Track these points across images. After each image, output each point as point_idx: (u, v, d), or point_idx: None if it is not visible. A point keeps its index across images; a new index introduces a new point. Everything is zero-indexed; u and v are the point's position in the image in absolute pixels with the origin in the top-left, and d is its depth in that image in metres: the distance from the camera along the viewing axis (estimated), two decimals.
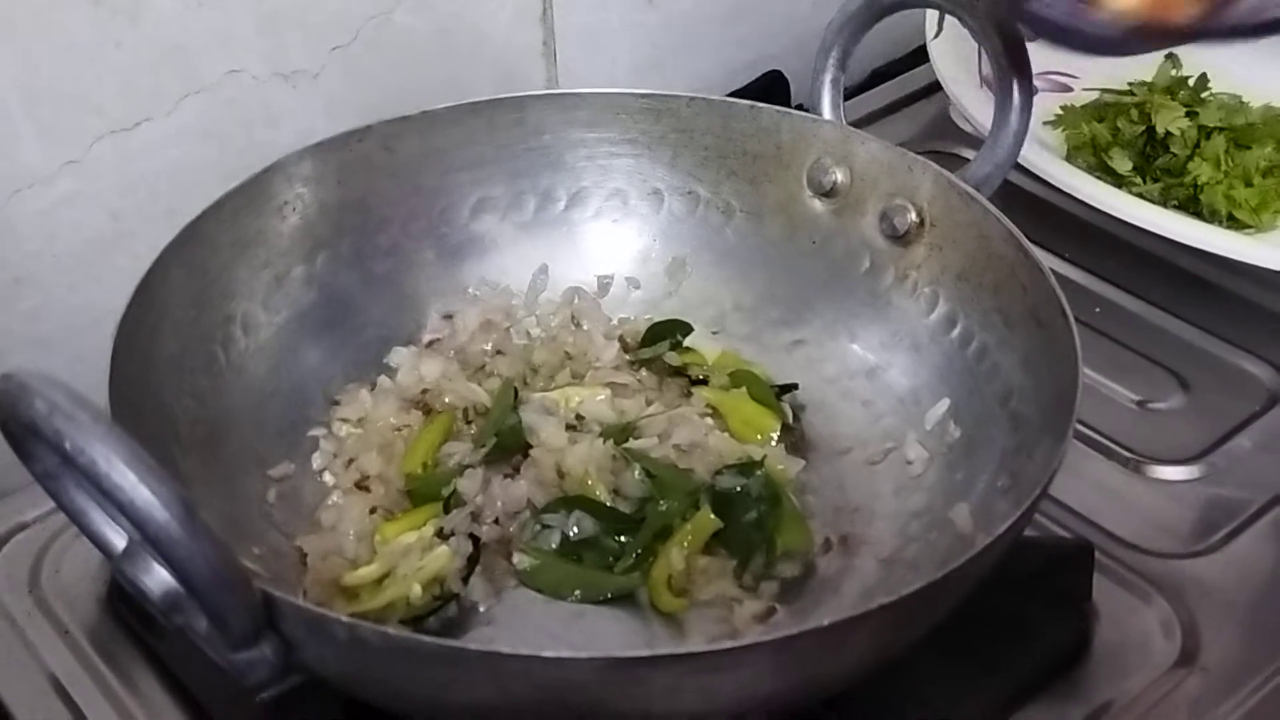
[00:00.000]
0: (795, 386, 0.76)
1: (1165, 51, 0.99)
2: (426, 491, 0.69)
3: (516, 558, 0.67)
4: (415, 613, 0.65)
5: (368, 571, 0.66)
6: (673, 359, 0.76)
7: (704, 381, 0.75)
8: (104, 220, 0.82)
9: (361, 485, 0.71)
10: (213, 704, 0.65)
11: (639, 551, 0.67)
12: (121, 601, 0.70)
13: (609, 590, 0.66)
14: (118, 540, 0.52)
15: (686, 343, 0.78)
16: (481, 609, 0.66)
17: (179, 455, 0.64)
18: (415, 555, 0.67)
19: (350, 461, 0.71)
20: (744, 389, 0.74)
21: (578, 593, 0.66)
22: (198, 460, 0.66)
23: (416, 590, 0.65)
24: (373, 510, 0.69)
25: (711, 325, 0.79)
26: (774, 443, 0.73)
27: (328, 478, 0.71)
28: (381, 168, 0.76)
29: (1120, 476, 0.77)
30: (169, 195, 0.83)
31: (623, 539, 0.67)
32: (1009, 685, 0.65)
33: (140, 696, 0.66)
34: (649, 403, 0.74)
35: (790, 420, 0.74)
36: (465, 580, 0.66)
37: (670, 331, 0.78)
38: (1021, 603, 0.66)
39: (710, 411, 0.74)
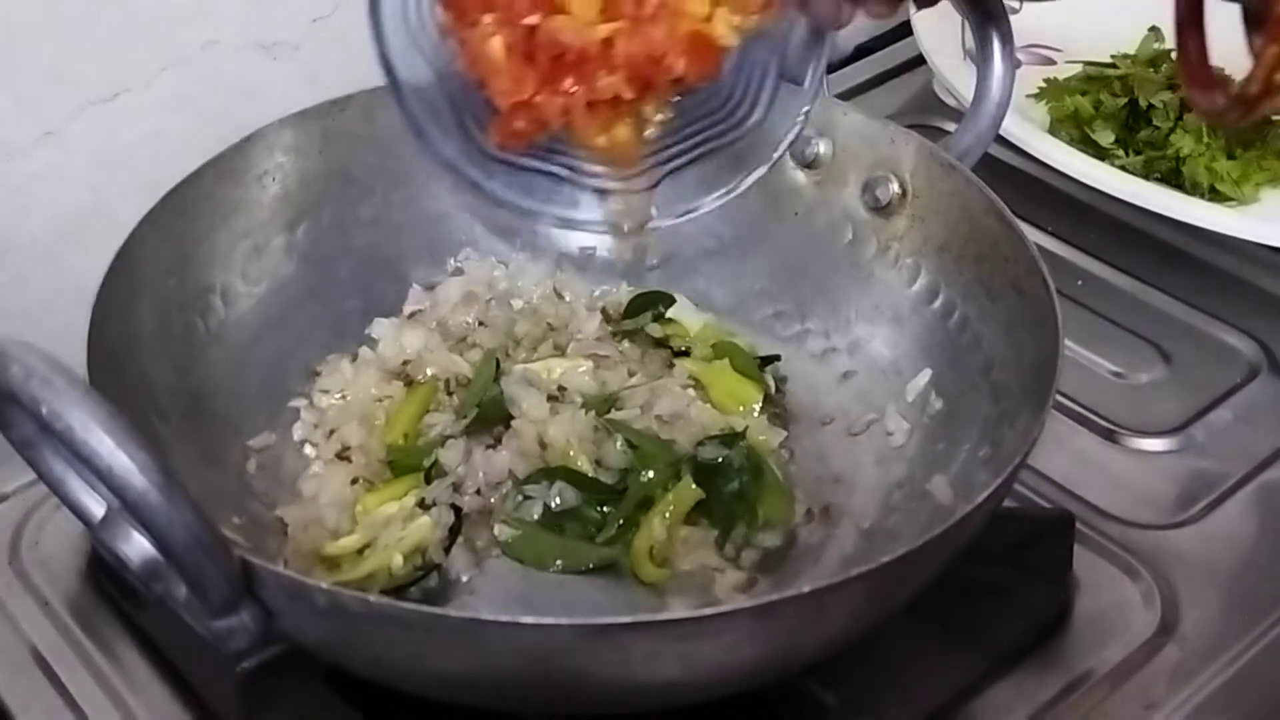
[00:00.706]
0: (778, 358, 0.76)
1: (1149, 25, 0.99)
2: (407, 462, 0.69)
3: (498, 529, 0.67)
4: (396, 583, 0.65)
5: (349, 542, 0.66)
6: (655, 330, 0.76)
7: (686, 353, 0.75)
8: (82, 192, 0.82)
9: (342, 456, 0.70)
10: (194, 674, 0.65)
11: (621, 522, 0.67)
12: (102, 573, 0.70)
13: (591, 561, 0.66)
14: (97, 509, 0.52)
15: (669, 314, 0.78)
16: (463, 579, 0.66)
17: (159, 424, 0.64)
18: (396, 526, 0.67)
19: (331, 432, 0.71)
20: (726, 360, 0.74)
21: (559, 563, 0.66)
22: (178, 430, 0.66)
23: (398, 560, 0.65)
24: (354, 481, 0.69)
25: (695, 297, 0.79)
26: (756, 414, 0.73)
27: (308, 449, 0.71)
28: (363, 137, 0.76)
29: (1101, 448, 0.77)
30: (148, 167, 0.81)
31: (605, 509, 0.67)
32: (990, 654, 0.65)
33: (121, 667, 0.66)
34: (631, 374, 0.74)
35: (772, 391, 0.74)
36: (447, 551, 0.66)
37: (652, 303, 0.78)
38: (1002, 573, 0.67)
39: (692, 383, 0.74)
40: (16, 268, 0.81)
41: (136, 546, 0.50)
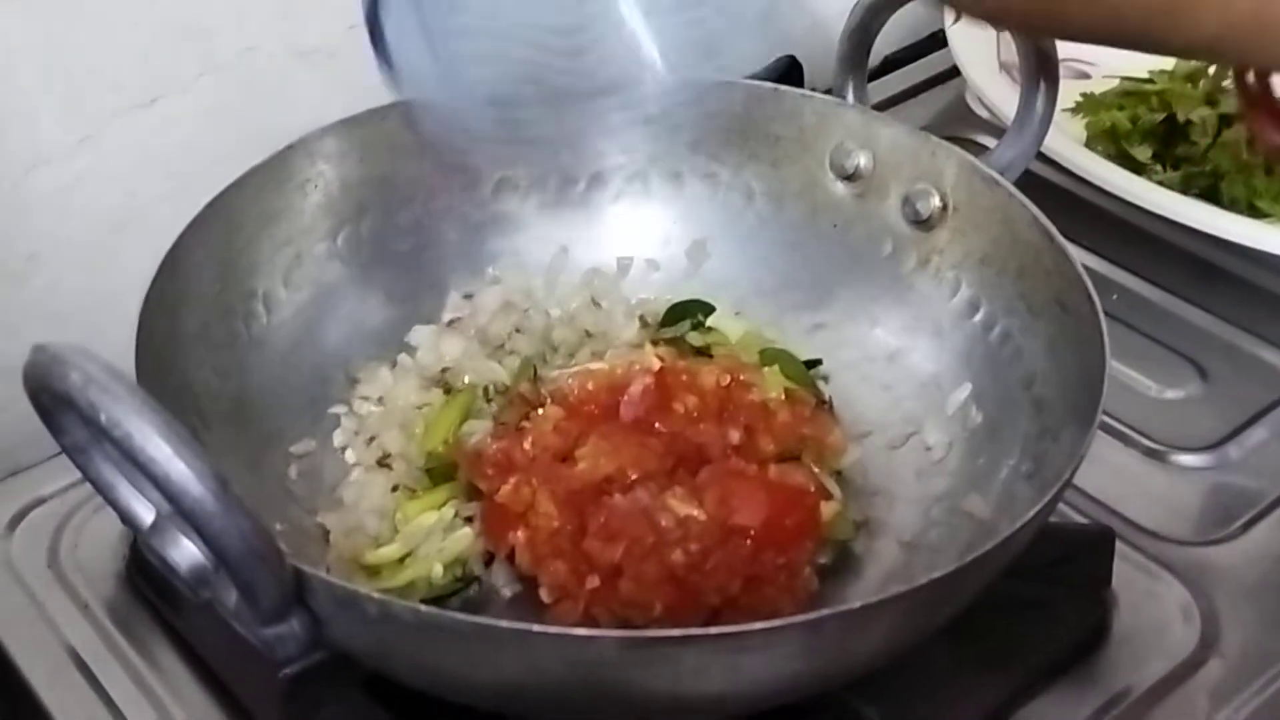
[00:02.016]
0: (819, 362, 0.75)
1: None
2: (447, 470, 0.69)
3: None
4: (436, 593, 0.65)
5: (389, 550, 0.66)
6: (694, 339, 0.76)
7: None
8: (119, 197, 0.82)
9: (383, 463, 0.70)
10: (233, 679, 0.65)
11: None
12: (140, 576, 0.70)
13: None
14: (145, 514, 0.52)
15: (708, 323, 0.78)
16: (505, 594, 0.66)
17: (201, 431, 0.64)
18: (437, 536, 0.67)
19: (371, 439, 0.71)
20: (775, 367, 0.73)
21: None
22: (220, 436, 0.66)
23: (438, 570, 0.65)
24: (394, 488, 0.69)
25: (732, 307, 0.79)
26: None
27: (349, 455, 0.71)
28: (403, 146, 0.76)
29: (1139, 464, 0.77)
30: (184, 173, 0.82)
31: None
32: (1028, 670, 0.65)
33: (160, 670, 0.67)
34: None
35: (825, 398, 0.74)
36: (488, 565, 0.66)
37: (691, 311, 0.77)
38: (1041, 588, 0.66)
39: None
40: (54, 271, 0.81)
41: (185, 552, 0.50)
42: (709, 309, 0.78)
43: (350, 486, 0.70)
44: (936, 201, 0.73)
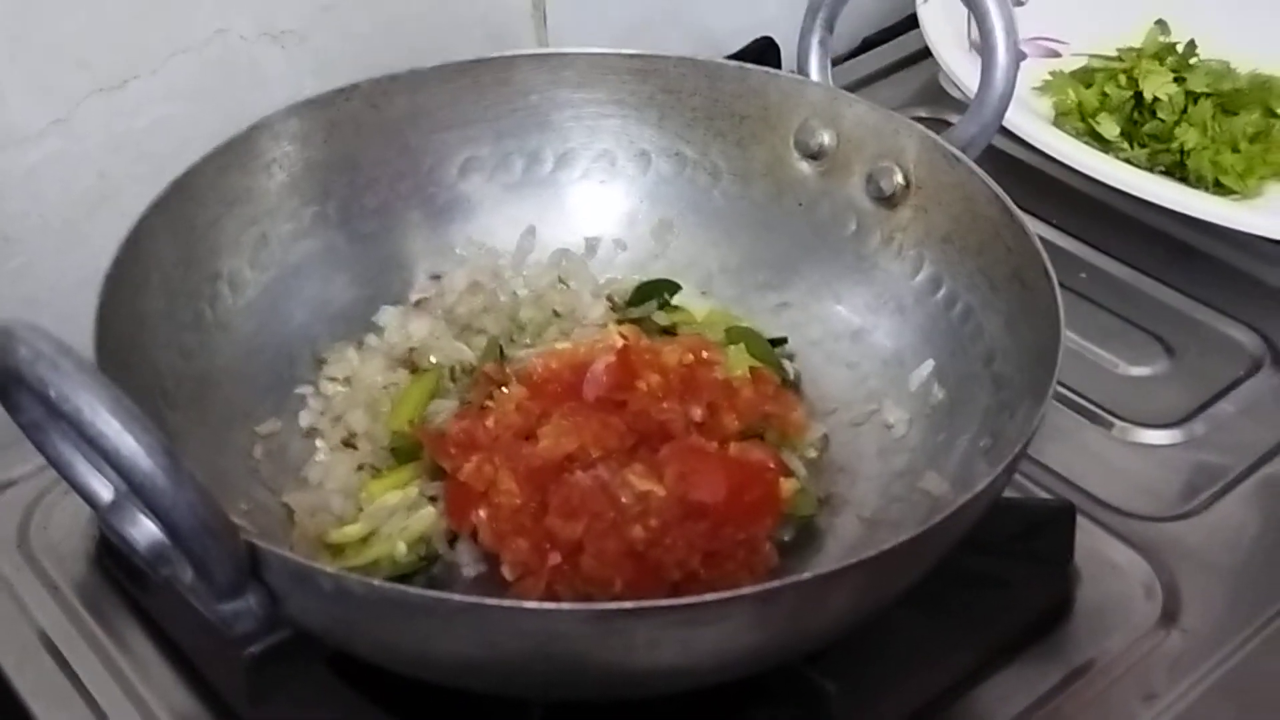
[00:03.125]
0: (785, 340, 0.76)
1: (1155, 19, 0.99)
2: (412, 449, 0.70)
3: None
4: (400, 571, 0.65)
5: (353, 530, 0.67)
6: (661, 318, 0.76)
7: None
8: (91, 179, 0.82)
9: (348, 443, 0.71)
10: (201, 659, 0.66)
11: None
12: (110, 557, 0.70)
13: None
14: (104, 492, 0.52)
15: (674, 301, 0.78)
16: (469, 573, 0.66)
17: (166, 411, 0.64)
18: (401, 515, 0.67)
19: (337, 419, 0.72)
20: (741, 345, 0.73)
21: None
22: (185, 416, 0.66)
23: (401, 549, 0.66)
24: (359, 467, 0.70)
25: (699, 286, 0.79)
26: None
27: (315, 435, 0.72)
28: (369, 126, 0.76)
29: (1104, 440, 0.77)
30: (156, 154, 0.83)
31: None
32: (990, 644, 0.66)
33: (129, 652, 0.67)
34: None
35: (790, 376, 0.74)
36: (451, 544, 0.66)
37: (658, 291, 0.78)
38: (1003, 563, 0.67)
39: None
40: (25, 254, 0.81)
41: (143, 530, 0.51)
42: (675, 288, 0.78)
43: (315, 466, 0.70)
44: (899, 179, 0.74)
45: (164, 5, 0.81)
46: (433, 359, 0.74)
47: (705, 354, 0.71)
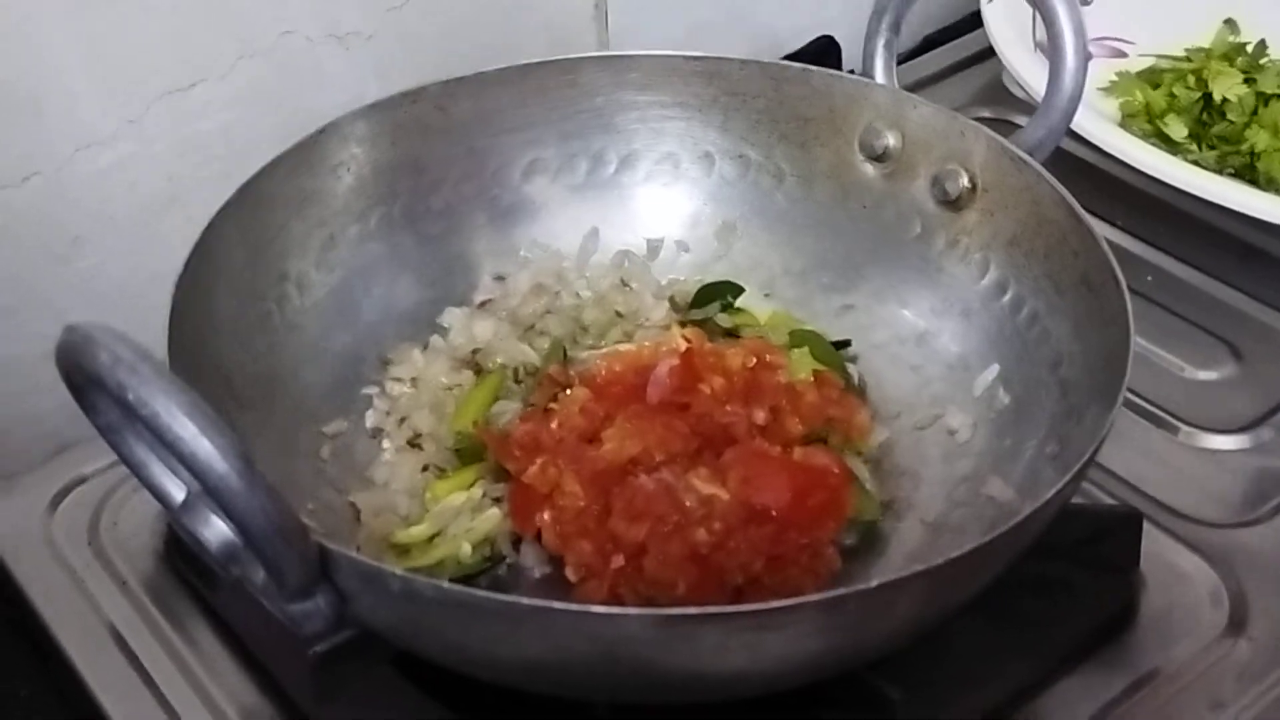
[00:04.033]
0: (848, 343, 0.75)
1: (1224, 18, 0.98)
2: (476, 450, 0.70)
3: None
4: (465, 571, 0.66)
5: (419, 530, 0.67)
6: (724, 320, 0.76)
7: None
8: (160, 181, 0.83)
9: (413, 443, 0.71)
10: (267, 656, 0.66)
11: None
12: (178, 554, 0.71)
13: None
14: (177, 492, 0.53)
15: (737, 304, 0.78)
16: (534, 574, 0.66)
17: (235, 411, 0.65)
18: (466, 516, 0.67)
19: (403, 420, 0.72)
20: (805, 349, 0.73)
21: None
22: (253, 416, 0.67)
23: (466, 550, 0.66)
24: (424, 468, 0.70)
25: (762, 289, 0.79)
26: None
27: (381, 435, 0.72)
28: (435, 129, 0.77)
29: (1170, 445, 0.76)
30: (224, 157, 0.83)
31: None
32: (1055, 651, 0.65)
33: (196, 647, 0.68)
34: None
35: (855, 381, 0.74)
36: (516, 546, 0.67)
37: (721, 293, 0.78)
38: (1069, 569, 0.67)
39: None
40: (96, 255, 0.82)
41: (215, 530, 0.52)
42: (738, 290, 0.78)
43: (381, 466, 0.70)
44: (965, 182, 0.73)
45: (231, 8, 0.82)
46: (497, 360, 0.75)
47: (768, 358, 0.70)
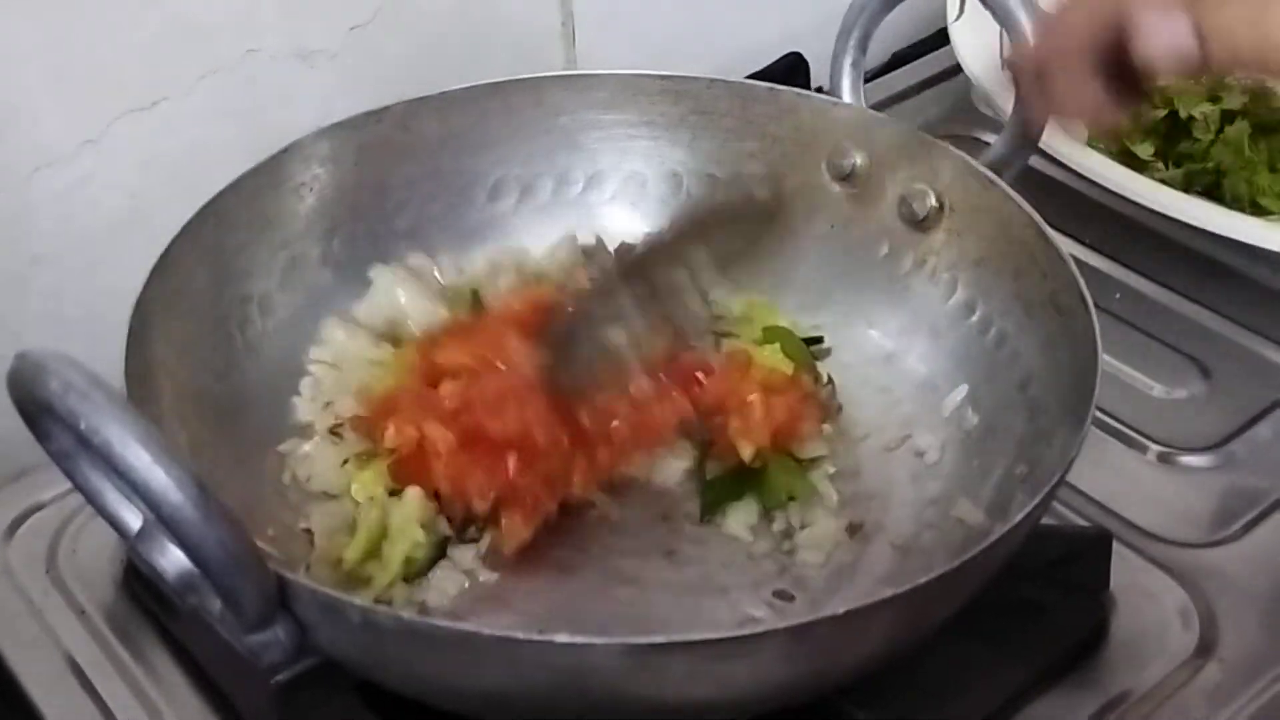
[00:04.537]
0: (821, 340, 0.75)
1: None
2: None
3: None
4: (422, 565, 0.65)
5: (357, 543, 0.65)
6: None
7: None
8: (122, 199, 0.82)
9: (335, 431, 0.70)
10: (228, 685, 0.65)
11: None
12: (138, 582, 0.70)
13: None
14: (133, 520, 0.52)
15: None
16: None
17: (196, 432, 0.64)
18: (393, 507, 0.66)
19: (327, 404, 0.71)
20: (776, 345, 0.73)
21: None
22: (213, 440, 0.66)
23: (409, 547, 0.65)
24: (344, 461, 0.68)
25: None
26: None
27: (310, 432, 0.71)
28: (399, 148, 0.76)
29: (1139, 464, 0.76)
30: (187, 175, 0.82)
31: None
32: (1025, 673, 0.65)
33: (156, 677, 0.67)
34: None
35: (824, 381, 0.73)
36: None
37: None
38: (1038, 590, 0.66)
39: None
40: (56, 274, 0.81)
41: (172, 559, 0.51)
42: None
43: (301, 462, 0.69)
44: (933, 201, 0.73)
45: (195, 26, 0.81)
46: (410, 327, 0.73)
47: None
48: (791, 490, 0.68)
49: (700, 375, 0.68)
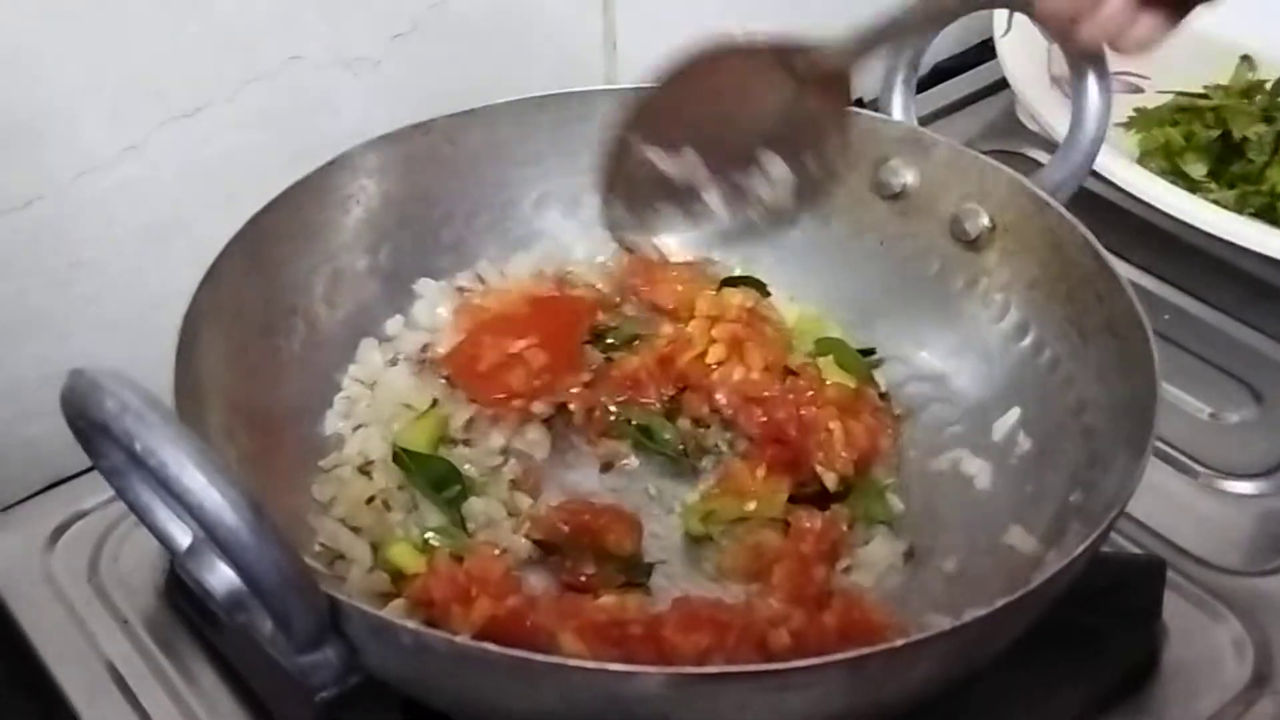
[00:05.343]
0: (874, 351, 0.75)
1: (1241, 54, 0.97)
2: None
3: None
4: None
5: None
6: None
7: None
8: (164, 206, 0.82)
9: (364, 470, 0.69)
10: (271, 699, 0.65)
11: None
12: (180, 592, 0.70)
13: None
14: (182, 537, 0.52)
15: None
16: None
17: (243, 449, 0.64)
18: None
19: (357, 428, 0.71)
20: (830, 357, 0.72)
21: None
22: (261, 450, 0.66)
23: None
24: (369, 499, 0.68)
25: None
26: None
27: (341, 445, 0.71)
28: (445, 161, 0.75)
29: (1191, 490, 0.75)
30: (228, 182, 0.82)
31: None
32: (1077, 703, 0.64)
33: (197, 688, 0.67)
34: None
35: (882, 389, 0.73)
36: None
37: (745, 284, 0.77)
38: (1091, 618, 0.65)
39: None
40: (99, 279, 0.81)
41: (221, 577, 0.50)
42: (763, 289, 0.77)
43: (329, 482, 0.68)
44: (985, 221, 0.72)
45: (238, 33, 0.81)
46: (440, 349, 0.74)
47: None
48: (874, 514, 0.68)
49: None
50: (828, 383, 0.71)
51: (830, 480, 0.67)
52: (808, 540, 0.64)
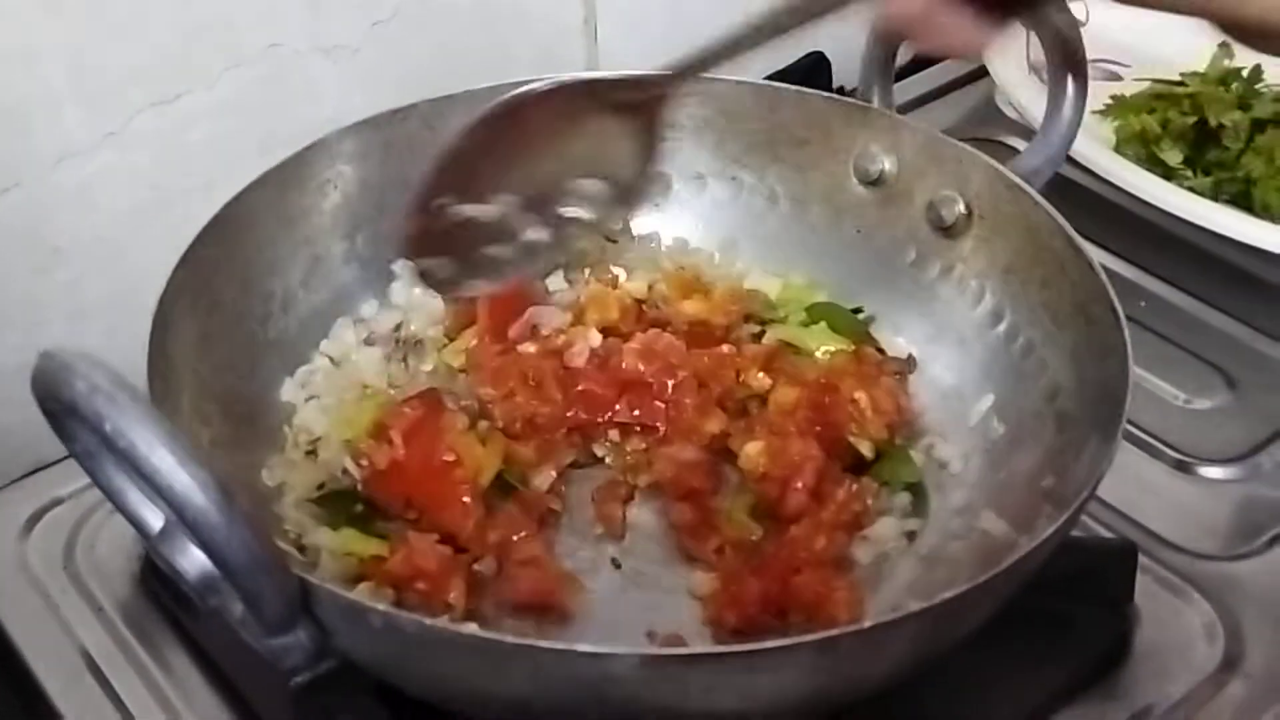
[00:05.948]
0: (861, 310, 0.75)
1: (1219, 41, 0.97)
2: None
3: None
4: None
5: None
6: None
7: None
8: (143, 192, 0.82)
9: (310, 451, 0.69)
10: (245, 684, 0.65)
11: None
12: (156, 579, 0.70)
13: None
14: (154, 520, 0.52)
15: (746, 285, 0.77)
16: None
17: (217, 433, 0.64)
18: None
19: (310, 398, 0.71)
20: (823, 324, 0.73)
21: None
22: (235, 435, 0.66)
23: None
24: (320, 485, 0.68)
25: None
26: None
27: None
28: (424, 146, 0.75)
29: (1164, 475, 0.76)
30: (208, 168, 0.82)
31: None
32: (1049, 686, 0.64)
33: (173, 675, 0.66)
34: None
35: (880, 345, 0.73)
36: None
37: None
38: (1063, 603, 0.66)
39: None
40: (78, 266, 0.81)
41: (193, 560, 0.51)
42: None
43: (277, 465, 0.68)
44: (961, 208, 0.72)
45: (217, 20, 0.81)
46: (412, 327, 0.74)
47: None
48: (905, 477, 0.68)
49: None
50: (820, 351, 0.72)
51: (866, 449, 0.67)
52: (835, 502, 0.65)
